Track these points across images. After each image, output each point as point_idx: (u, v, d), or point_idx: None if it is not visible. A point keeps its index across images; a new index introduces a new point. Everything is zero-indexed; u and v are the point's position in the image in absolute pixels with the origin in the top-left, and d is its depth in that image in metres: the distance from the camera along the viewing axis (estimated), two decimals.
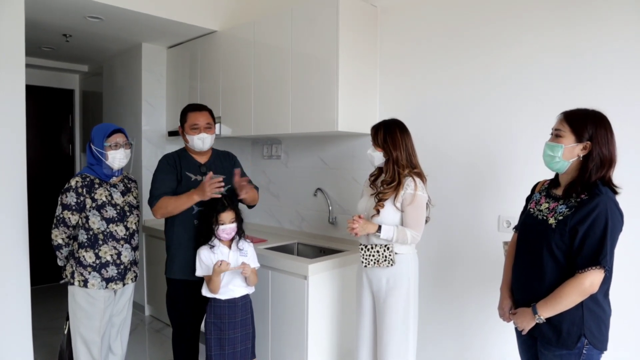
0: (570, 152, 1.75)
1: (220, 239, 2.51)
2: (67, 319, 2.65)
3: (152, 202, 2.61)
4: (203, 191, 2.47)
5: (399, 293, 2.34)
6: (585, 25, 2.27)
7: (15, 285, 2.72)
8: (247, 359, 2.57)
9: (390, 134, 2.37)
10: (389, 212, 2.32)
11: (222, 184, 2.46)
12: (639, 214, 2.07)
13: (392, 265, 2.32)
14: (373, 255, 2.34)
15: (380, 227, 2.29)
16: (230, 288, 2.49)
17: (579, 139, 1.73)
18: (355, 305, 2.55)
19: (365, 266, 2.37)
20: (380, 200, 2.33)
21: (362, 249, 2.38)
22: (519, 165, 2.51)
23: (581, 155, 1.74)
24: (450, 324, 2.84)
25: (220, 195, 2.49)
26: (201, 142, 2.67)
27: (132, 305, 2.79)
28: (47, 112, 5.48)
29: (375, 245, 2.34)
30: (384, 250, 2.32)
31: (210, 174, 2.48)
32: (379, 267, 2.35)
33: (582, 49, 2.28)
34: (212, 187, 2.44)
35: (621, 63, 2.18)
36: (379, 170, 2.49)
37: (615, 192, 1.74)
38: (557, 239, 1.74)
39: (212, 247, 2.49)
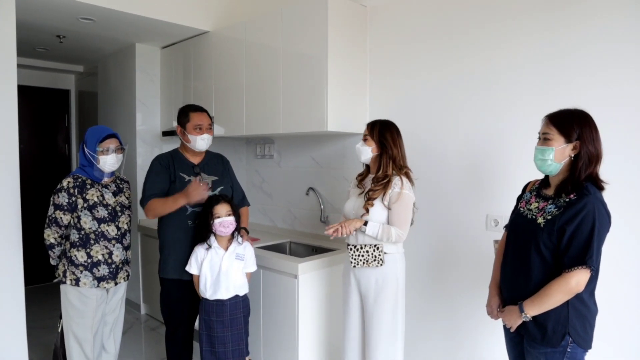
0: (561, 154, 1.76)
1: (217, 235, 2.51)
2: (61, 317, 2.67)
3: (142, 203, 2.64)
4: (187, 195, 2.49)
5: (388, 293, 2.35)
6: (574, 28, 2.27)
7: (10, 285, 2.74)
8: (242, 359, 2.58)
9: (389, 131, 2.39)
10: (377, 210, 2.33)
11: (209, 186, 2.47)
12: (626, 213, 2.09)
13: (381, 265, 2.33)
14: (362, 255, 2.35)
15: (366, 222, 2.31)
16: (217, 290, 2.50)
17: (567, 140, 1.74)
18: (342, 305, 2.56)
19: (355, 266, 2.37)
20: (369, 199, 2.33)
21: (350, 249, 2.38)
22: (507, 165, 2.52)
23: (572, 155, 1.75)
24: (440, 323, 2.85)
25: (206, 197, 2.51)
26: (204, 142, 2.68)
27: (128, 304, 2.81)
28: (43, 113, 5.50)
29: (365, 246, 2.34)
30: (374, 250, 2.33)
31: (197, 178, 2.48)
32: (368, 267, 2.36)
33: (571, 51, 2.29)
34: (198, 191, 2.47)
35: (608, 64, 2.19)
36: (367, 170, 2.51)
37: (602, 188, 1.75)
38: (545, 238, 1.75)
39: (209, 247, 2.50)
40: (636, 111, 2.12)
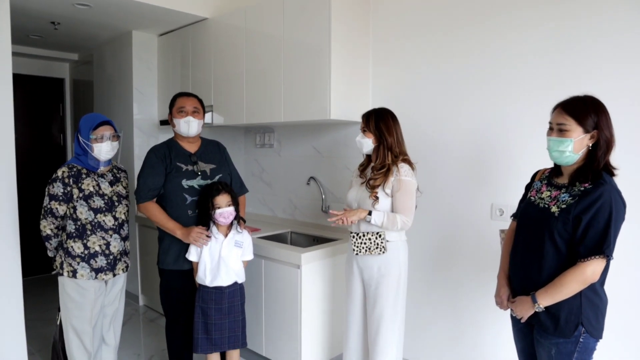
0: (580, 144, 1.71)
1: (217, 224, 2.51)
2: (59, 310, 2.62)
3: (138, 198, 2.59)
4: (187, 235, 2.48)
5: (390, 280, 2.35)
6: (580, 18, 2.25)
7: (7, 276, 2.69)
8: (237, 346, 2.58)
9: (383, 121, 2.38)
10: (380, 199, 2.33)
11: (209, 239, 2.48)
12: (636, 204, 2.06)
13: (383, 252, 2.33)
14: (365, 243, 2.35)
15: (370, 212, 2.29)
16: (217, 276, 2.49)
17: (585, 130, 1.70)
18: (345, 293, 2.54)
19: (357, 254, 2.37)
20: (373, 189, 2.32)
21: (353, 237, 2.38)
22: (512, 154, 2.50)
23: (590, 145, 1.71)
24: (444, 312, 2.84)
25: (201, 247, 2.49)
26: (187, 125, 2.63)
27: (126, 295, 2.77)
28: (37, 102, 5.40)
29: (367, 233, 2.34)
30: (376, 238, 2.33)
31: (203, 230, 2.48)
32: (371, 255, 2.35)
33: (576, 41, 2.27)
34: (198, 238, 2.46)
35: (614, 55, 2.17)
36: (368, 160, 2.49)
37: (613, 174, 1.72)
38: (559, 227, 1.71)
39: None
40: None
